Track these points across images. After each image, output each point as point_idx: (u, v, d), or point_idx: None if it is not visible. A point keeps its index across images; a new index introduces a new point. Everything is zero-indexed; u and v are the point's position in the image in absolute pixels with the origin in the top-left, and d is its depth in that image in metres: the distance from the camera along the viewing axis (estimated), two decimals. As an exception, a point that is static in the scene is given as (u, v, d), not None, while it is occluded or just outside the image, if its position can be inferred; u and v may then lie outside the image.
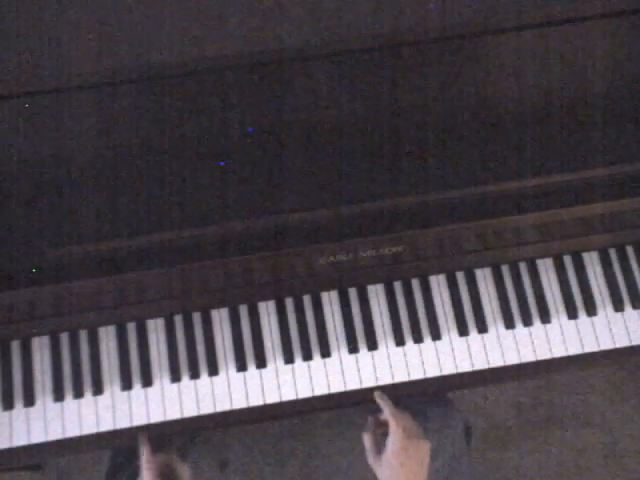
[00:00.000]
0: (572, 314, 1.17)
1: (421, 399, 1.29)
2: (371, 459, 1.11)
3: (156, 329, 1.16)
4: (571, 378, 1.86)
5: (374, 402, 1.13)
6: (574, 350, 1.16)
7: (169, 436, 1.17)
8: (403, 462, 1.06)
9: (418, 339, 1.16)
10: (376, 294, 1.18)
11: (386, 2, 1.12)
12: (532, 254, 1.19)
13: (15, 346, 1.15)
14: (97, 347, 1.15)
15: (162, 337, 1.16)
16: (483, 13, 1.12)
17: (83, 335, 1.15)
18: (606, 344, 1.17)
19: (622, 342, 1.17)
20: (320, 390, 1.15)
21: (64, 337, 1.15)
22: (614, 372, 1.87)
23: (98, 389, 1.13)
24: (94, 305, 1.12)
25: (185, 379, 1.14)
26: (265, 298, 1.17)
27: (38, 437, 1.12)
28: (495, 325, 1.17)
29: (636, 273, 1.20)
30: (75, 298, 1.11)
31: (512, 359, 1.16)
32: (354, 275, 1.16)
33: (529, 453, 1.81)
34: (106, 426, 1.12)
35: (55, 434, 1.12)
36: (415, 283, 1.19)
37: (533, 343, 1.17)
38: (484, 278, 1.19)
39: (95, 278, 1.07)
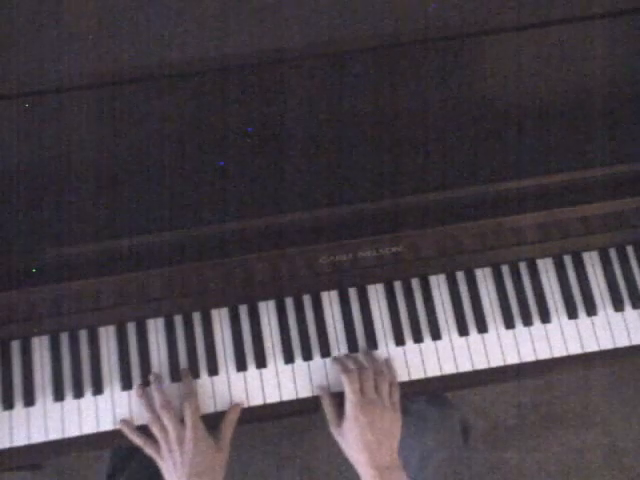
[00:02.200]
0: (572, 314, 1.17)
1: (419, 399, 1.29)
2: (333, 428, 1.07)
3: (156, 329, 1.16)
4: (571, 378, 1.86)
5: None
6: (574, 350, 1.16)
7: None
8: (363, 426, 1.01)
9: (418, 339, 1.16)
10: (376, 294, 1.18)
11: (386, 2, 1.12)
12: (532, 254, 1.19)
13: (15, 346, 1.15)
14: (97, 347, 1.15)
15: (162, 337, 1.16)
16: (483, 13, 1.12)
17: (83, 335, 1.15)
18: (606, 344, 1.17)
19: (622, 342, 1.17)
20: (320, 390, 1.15)
21: (64, 337, 1.15)
22: (614, 372, 1.87)
23: (98, 389, 1.13)
24: (94, 305, 1.12)
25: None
26: (265, 298, 1.17)
27: (38, 437, 1.12)
28: (495, 325, 1.17)
29: (636, 273, 1.20)
30: (75, 298, 1.11)
31: (512, 359, 1.16)
32: (354, 275, 1.16)
33: (529, 453, 1.81)
34: (106, 426, 1.12)
35: (55, 434, 1.12)
36: (415, 283, 1.19)
37: (533, 343, 1.17)
38: (484, 278, 1.19)
39: (95, 278, 1.07)
